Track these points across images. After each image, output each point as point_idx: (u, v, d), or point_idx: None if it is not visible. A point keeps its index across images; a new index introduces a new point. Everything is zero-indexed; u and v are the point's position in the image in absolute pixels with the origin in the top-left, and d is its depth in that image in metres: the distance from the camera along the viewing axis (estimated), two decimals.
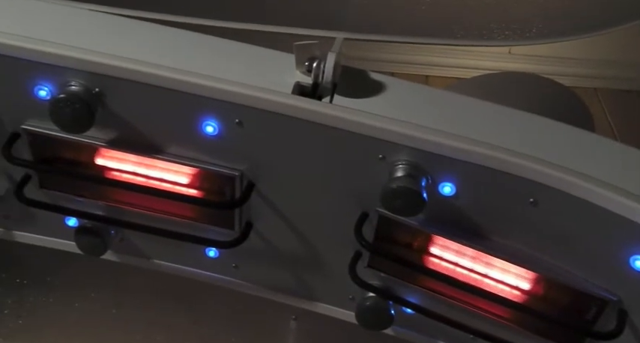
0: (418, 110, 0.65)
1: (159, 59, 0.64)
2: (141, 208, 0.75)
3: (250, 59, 0.68)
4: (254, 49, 0.70)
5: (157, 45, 0.68)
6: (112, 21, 0.73)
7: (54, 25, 0.69)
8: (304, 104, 0.58)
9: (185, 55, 0.67)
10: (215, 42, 0.70)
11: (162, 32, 0.72)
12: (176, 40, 0.70)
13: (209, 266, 0.80)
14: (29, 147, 0.70)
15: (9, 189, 0.76)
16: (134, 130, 0.67)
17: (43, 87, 0.64)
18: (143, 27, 0.72)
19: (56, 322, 0.90)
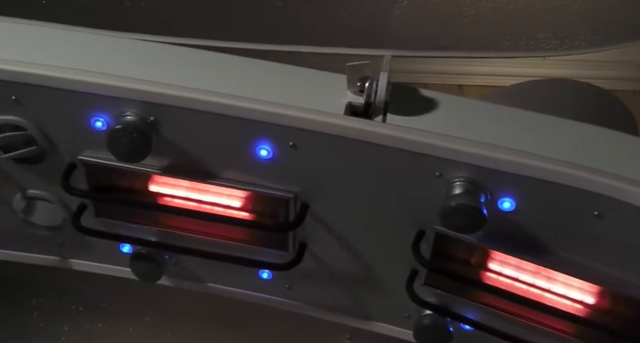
0: (472, 125, 0.64)
1: (211, 86, 0.65)
2: (194, 233, 0.76)
3: (299, 81, 0.68)
4: (301, 70, 0.71)
5: (207, 71, 0.69)
6: (158, 49, 0.74)
7: (103, 55, 0.70)
8: (359, 125, 0.58)
9: (236, 80, 0.67)
10: (262, 65, 0.71)
11: (210, 58, 0.73)
12: (225, 66, 0.70)
13: (262, 287, 0.80)
14: (85, 177, 0.71)
15: (65, 218, 0.77)
16: (188, 156, 0.68)
17: (99, 118, 0.65)
18: (189, 54, 0.73)
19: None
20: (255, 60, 0.73)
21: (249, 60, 0.73)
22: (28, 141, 0.69)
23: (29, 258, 0.83)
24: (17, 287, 0.91)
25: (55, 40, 0.71)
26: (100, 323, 0.88)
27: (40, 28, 0.75)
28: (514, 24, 0.73)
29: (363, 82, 0.61)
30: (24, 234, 0.80)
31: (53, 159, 0.70)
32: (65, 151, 0.70)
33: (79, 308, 0.88)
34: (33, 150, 0.69)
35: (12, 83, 0.64)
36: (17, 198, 0.76)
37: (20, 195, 0.76)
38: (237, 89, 0.65)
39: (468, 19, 0.77)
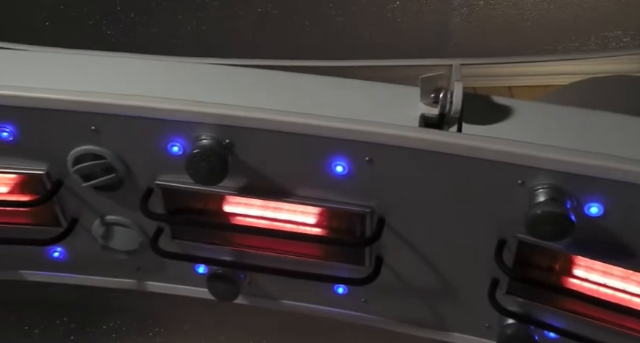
0: (549, 130, 0.63)
1: (283, 105, 0.65)
2: (268, 251, 0.77)
3: (369, 96, 0.69)
4: (367, 84, 0.71)
5: (276, 91, 0.70)
6: (224, 72, 0.75)
7: (174, 81, 0.72)
8: (439, 137, 0.58)
9: (306, 98, 0.68)
10: (328, 81, 0.71)
11: (277, 77, 0.74)
12: (292, 84, 0.71)
13: (338, 302, 0.80)
14: (162, 201, 0.73)
15: (142, 242, 0.79)
16: (263, 176, 0.68)
17: (176, 143, 0.67)
18: (255, 75, 0.74)
19: None
20: (320, 76, 0.74)
21: (315, 77, 0.73)
22: (107, 169, 0.71)
23: (108, 282, 0.85)
24: (95, 311, 0.93)
25: (127, 69, 0.73)
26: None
27: (112, 58, 0.77)
28: (580, 24, 0.72)
29: (437, 93, 0.61)
30: (103, 259, 0.81)
31: (130, 185, 0.72)
32: (142, 177, 0.72)
33: (155, 329, 0.90)
34: (112, 178, 0.71)
35: (91, 114, 0.66)
36: (96, 225, 0.78)
37: (99, 222, 0.78)
38: (309, 107, 0.65)
39: (530, 21, 0.76)
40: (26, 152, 0.71)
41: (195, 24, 0.86)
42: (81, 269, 0.85)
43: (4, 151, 0.71)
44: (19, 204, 0.75)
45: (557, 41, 0.73)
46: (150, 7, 0.85)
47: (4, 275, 0.86)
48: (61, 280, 0.86)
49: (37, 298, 0.96)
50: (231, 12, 0.85)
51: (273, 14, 0.83)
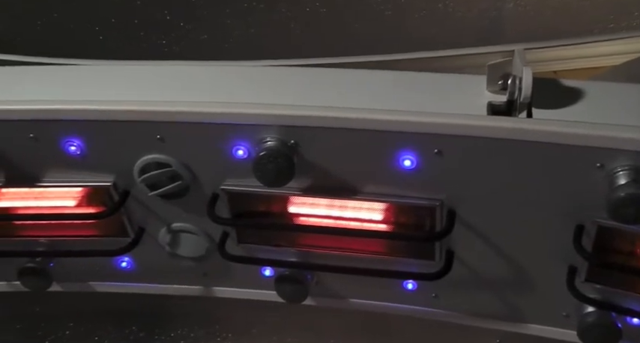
0: (623, 110, 0.61)
1: (345, 102, 0.65)
2: (335, 250, 0.76)
3: (429, 87, 0.68)
4: (428, 76, 0.70)
5: (335, 88, 0.70)
6: (279, 72, 0.75)
7: (232, 85, 0.72)
8: (512, 124, 0.57)
9: (366, 93, 0.68)
10: (388, 75, 0.71)
11: (333, 74, 0.73)
12: (351, 80, 0.71)
13: (407, 298, 0.79)
14: (228, 206, 0.73)
15: (208, 247, 0.79)
16: (328, 175, 0.68)
17: (240, 147, 0.67)
18: (310, 73, 0.74)
19: None
20: (377, 71, 0.73)
21: (372, 72, 0.73)
22: (173, 177, 0.71)
23: (175, 290, 0.86)
24: (163, 319, 0.94)
25: (185, 76, 0.74)
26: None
27: (168, 67, 0.78)
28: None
29: (504, 80, 0.60)
30: (169, 266, 0.82)
31: (196, 191, 0.72)
32: (207, 183, 0.72)
33: (223, 334, 0.91)
34: (178, 185, 0.71)
35: (157, 123, 0.66)
36: (162, 233, 0.78)
37: (165, 230, 0.78)
38: (372, 102, 0.65)
39: (588, 1, 0.74)
40: (93, 165, 0.72)
41: (244, 27, 0.86)
42: (148, 278, 0.85)
43: (72, 165, 0.71)
44: (88, 216, 0.76)
45: (620, 19, 0.71)
46: (198, 15, 0.86)
47: (73, 286, 0.88)
48: (129, 289, 0.87)
49: (106, 308, 0.97)
50: (278, 13, 0.85)
51: (321, 13, 0.83)
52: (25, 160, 0.72)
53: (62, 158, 0.72)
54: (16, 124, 0.68)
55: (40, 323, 0.91)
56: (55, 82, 0.77)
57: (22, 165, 0.73)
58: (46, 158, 0.72)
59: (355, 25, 0.80)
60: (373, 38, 0.80)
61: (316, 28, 0.82)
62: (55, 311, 0.93)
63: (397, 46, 0.78)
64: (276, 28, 0.84)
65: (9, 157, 0.72)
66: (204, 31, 0.85)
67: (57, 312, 0.92)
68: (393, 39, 0.80)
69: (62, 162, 0.72)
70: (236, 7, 0.85)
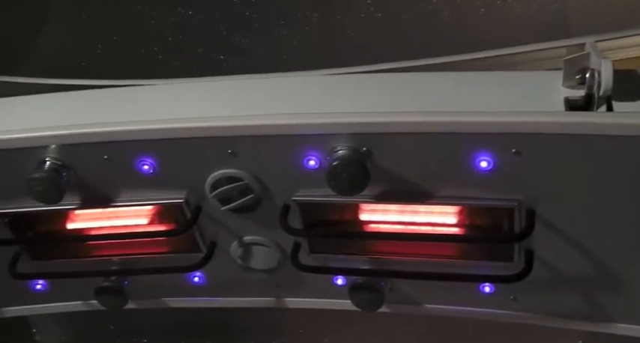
0: None
1: (417, 106, 0.65)
2: (408, 255, 0.75)
3: (499, 86, 0.66)
4: (496, 75, 0.69)
5: (401, 92, 0.69)
6: (339, 81, 0.75)
7: (296, 96, 0.73)
8: (593, 119, 0.55)
9: (437, 96, 0.67)
10: (455, 77, 0.70)
11: (396, 79, 0.73)
12: (417, 84, 0.70)
13: (484, 302, 0.78)
14: (300, 216, 0.73)
15: (280, 259, 0.79)
16: (401, 180, 0.67)
17: (312, 157, 0.67)
18: (372, 80, 0.74)
19: None
20: (443, 73, 0.73)
21: (437, 74, 0.72)
22: (245, 191, 0.71)
23: (247, 302, 0.86)
24: (235, 332, 0.94)
25: (250, 90, 0.74)
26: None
27: (231, 82, 0.79)
28: None
29: (582, 74, 0.59)
30: (241, 279, 0.82)
31: (267, 204, 0.73)
32: (279, 195, 0.72)
33: None
34: (250, 199, 0.72)
35: (228, 138, 0.67)
36: (234, 246, 0.79)
37: (237, 243, 0.78)
38: (444, 105, 0.64)
39: None
40: (165, 182, 0.73)
41: (300, 37, 0.86)
42: (220, 292, 0.86)
43: (145, 184, 0.73)
44: (163, 233, 0.77)
45: None
46: (254, 28, 0.87)
47: (147, 303, 0.89)
48: (201, 304, 0.88)
49: (177, 323, 0.99)
50: (334, 21, 0.85)
51: (377, 17, 0.83)
52: (100, 181, 0.74)
53: (135, 177, 0.73)
54: (90, 147, 0.70)
55: (116, 340, 0.93)
56: (122, 103, 0.78)
57: (97, 186, 0.74)
58: (119, 178, 0.73)
59: (412, 29, 0.80)
60: (431, 40, 0.79)
61: (373, 34, 0.82)
62: (128, 328, 0.94)
63: (456, 47, 0.77)
64: (333, 36, 0.84)
65: (84, 179, 0.73)
66: (261, 44, 0.86)
67: (130, 329, 0.94)
68: (451, 40, 0.79)
69: (135, 181, 0.74)
70: (291, 18, 0.85)
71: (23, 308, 0.90)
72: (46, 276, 0.83)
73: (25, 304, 0.89)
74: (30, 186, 0.70)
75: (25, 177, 0.71)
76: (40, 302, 0.90)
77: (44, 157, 0.72)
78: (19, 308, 0.90)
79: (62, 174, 0.72)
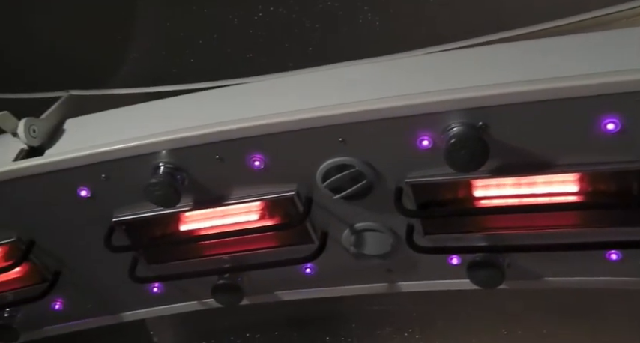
0: None
1: (528, 74, 0.63)
2: (526, 229, 0.73)
3: (610, 45, 0.64)
4: (604, 35, 0.67)
5: (504, 64, 0.67)
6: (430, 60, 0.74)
7: (395, 79, 0.71)
8: None
9: (546, 63, 0.64)
10: (552, 42, 0.68)
11: (493, 51, 0.71)
12: (516, 54, 0.68)
13: (611, 270, 0.75)
14: (413, 198, 0.72)
15: (393, 243, 0.79)
16: (519, 152, 0.65)
17: (425, 137, 0.66)
18: (467, 55, 0.73)
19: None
20: (544, 39, 0.71)
21: (529, 42, 0.70)
22: (357, 178, 0.71)
23: (359, 290, 0.86)
24: (342, 321, 0.95)
25: (344, 78, 0.74)
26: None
27: (324, 72, 0.79)
28: None
29: None
30: (353, 267, 0.82)
31: (379, 189, 0.72)
32: (391, 178, 0.71)
33: (409, 330, 0.90)
34: (362, 185, 0.71)
35: (338, 126, 0.67)
36: (346, 234, 0.79)
37: (349, 231, 0.79)
38: (557, 71, 0.62)
39: None
40: (275, 176, 0.73)
41: (380, 22, 0.85)
42: (331, 281, 0.86)
43: (256, 179, 0.74)
44: (278, 227, 0.77)
45: None
46: (337, 16, 0.86)
47: (260, 298, 0.89)
48: (313, 295, 0.88)
49: (285, 316, 1.00)
50: (415, 1, 0.84)
51: None
52: (212, 181, 0.75)
53: (246, 174, 0.74)
54: (202, 148, 0.72)
55: (230, 336, 0.95)
56: (221, 103, 0.79)
57: (209, 186, 0.76)
58: (231, 176, 0.74)
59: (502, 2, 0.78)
60: (522, 10, 0.77)
61: (452, 12, 0.80)
62: (240, 324, 0.96)
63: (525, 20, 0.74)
64: (417, 16, 0.82)
65: (197, 180, 0.75)
66: (345, 32, 0.86)
67: (242, 325, 0.96)
68: (543, 8, 0.77)
69: (246, 177, 0.75)
70: (373, 3, 0.84)
71: (142, 311, 0.93)
72: (165, 279, 0.85)
73: (143, 307, 0.93)
74: (149, 191, 0.72)
75: (139, 185, 0.73)
76: (157, 305, 0.92)
77: (157, 163, 0.74)
78: (138, 311, 0.93)
79: (177, 177, 0.75)
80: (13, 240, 0.82)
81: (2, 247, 0.85)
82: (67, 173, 0.75)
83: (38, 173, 0.76)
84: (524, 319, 0.84)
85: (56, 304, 0.92)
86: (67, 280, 0.88)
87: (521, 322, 0.84)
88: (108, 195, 0.77)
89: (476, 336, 0.85)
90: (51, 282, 0.87)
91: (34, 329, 0.95)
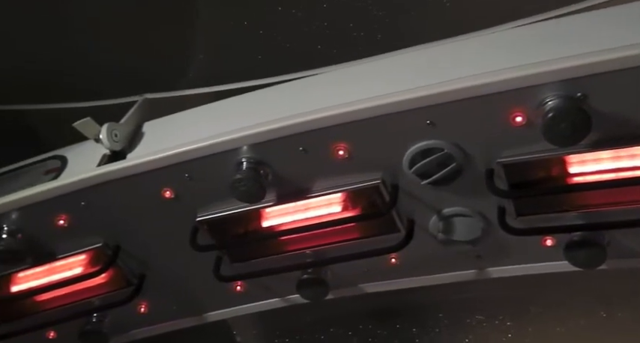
0: None
1: (622, 40, 0.60)
2: (627, 204, 0.70)
3: None
4: None
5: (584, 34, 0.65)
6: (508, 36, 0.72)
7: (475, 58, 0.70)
8: None
9: None
10: None
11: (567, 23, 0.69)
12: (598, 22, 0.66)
13: None
14: (505, 178, 0.69)
15: (483, 227, 0.77)
16: (620, 122, 0.62)
17: (519, 113, 0.63)
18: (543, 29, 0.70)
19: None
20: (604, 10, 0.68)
21: (605, 11, 0.68)
22: (445, 161, 0.69)
23: (446, 278, 0.83)
24: (427, 311, 0.93)
25: (417, 63, 0.72)
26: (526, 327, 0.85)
27: (397, 56, 0.78)
28: None
29: None
30: (440, 255, 0.80)
31: (468, 172, 0.70)
32: (481, 160, 0.69)
33: (500, 317, 0.88)
34: (452, 169, 0.69)
35: (426, 108, 0.65)
36: (433, 221, 0.77)
37: (436, 217, 0.77)
38: None
39: None
40: (360, 165, 0.72)
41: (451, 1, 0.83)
42: (417, 271, 0.84)
43: (340, 170, 0.72)
44: (364, 217, 0.75)
45: None
46: (402, 1, 0.85)
47: (345, 292, 0.88)
48: (398, 286, 0.86)
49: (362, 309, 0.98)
50: None
51: None
52: (295, 174, 0.74)
53: (330, 165, 0.73)
54: (284, 141, 0.71)
55: (314, 332, 0.94)
56: (297, 95, 0.79)
57: (292, 179, 0.75)
58: (314, 168, 0.73)
59: None
60: None
61: None
62: (320, 319, 0.95)
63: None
64: None
65: (280, 175, 0.74)
66: (414, 15, 0.84)
67: (325, 320, 0.95)
68: None
69: (330, 168, 0.73)
70: None
71: (226, 311, 0.92)
72: (249, 276, 0.84)
73: (227, 307, 0.92)
74: (235, 187, 0.72)
75: (222, 182, 0.73)
76: (241, 304, 0.92)
77: (240, 159, 0.73)
78: (222, 311, 0.93)
79: (260, 171, 0.74)
80: (99, 246, 0.84)
81: (88, 253, 0.86)
82: (150, 175, 0.76)
83: (122, 176, 0.76)
84: (623, 301, 0.80)
85: (141, 307, 0.93)
86: (152, 283, 0.88)
87: (620, 304, 0.80)
88: (191, 194, 0.77)
89: (572, 320, 0.82)
90: (137, 286, 0.88)
91: (121, 333, 0.96)
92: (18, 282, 0.91)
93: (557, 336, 0.83)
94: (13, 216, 0.80)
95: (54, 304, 0.92)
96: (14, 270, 0.88)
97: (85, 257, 0.87)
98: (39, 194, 0.78)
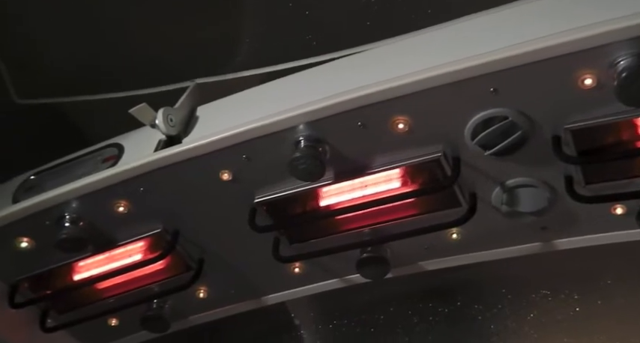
0: None
1: None
2: None
3: None
4: None
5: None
6: None
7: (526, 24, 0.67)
8: None
9: None
10: None
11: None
12: None
13: None
14: (573, 145, 0.67)
15: (549, 197, 0.75)
16: None
17: (588, 75, 0.61)
18: None
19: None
20: None
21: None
22: (509, 130, 0.67)
23: (510, 252, 0.81)
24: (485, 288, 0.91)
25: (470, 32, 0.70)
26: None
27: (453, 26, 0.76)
28: None
29: None
30: (503, 228, 0.78)
31: (533, 140, 0.68)
32: (547, 127, 0.67)
33: (566, 291, 0.85)
34: (517, 137, 0.67)
35: (490, 75, 0.63)
36: (496, 193, 0.75)
37: (499, 189, 0.75)
38: None
39: None
40: (420, 138, 0.70)
41: None
42: (480, 246, 0.82)
43: (399, 144, 0.71)
44: (425, 191, 0.73)
45: None
46: None
47: (405, 270, 0.86)
48: (460, 262, 0.84)
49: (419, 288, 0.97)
50: None
51: None
52: (353, 151, 0.73)
53: (389, 139, 0.71)
54: (342, 116, 0.69)
55: (372, 312, 0.94)
56: (355, 70, 0.77)
57: (350, 156, 0.74)
58: (373, 143, 0.72)
59: None
60: None
61: None
62: (380, 299, 0.94)
63: None
64: None
65: (338, 151, 0.73)
66: None
67: (383, 300, 0.94)
68: None
69: (389, 143, 0.72)
70: None
71: (285, 293, 0.92)
72: (308, 256, 0.84)
73: (286, 289, 0.92)
74: (294, 166, 0.71)
75: (280, 162, 0.72)
76: (299, 286, 0.92)
77: (297, 137, 0.72)
78: (281, 294, 0.92)
79: (319, 149, 0.73)
80: (159, 231, 0.84)
81: (147, 239, 0.87)
82: (208, 157, 0.75)
83: (180, 160, 0.76)
84: None
85: (200, 292, 0.94)
86: (210, 267, 0.89)
87: None
88: (249, 176, 0.77)
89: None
90: (196, 271, 0.88)
91: (182, 319, 0.97)
92: (79, 271, 0.93)
93: (628, 309, 0.81)
94: (74, 204, 0.81)
95: (114, 291, 0.93)
96: (75, 259, 0.90)
97: (143, 243, 0.87)
98: (99, 181, 0.79)
